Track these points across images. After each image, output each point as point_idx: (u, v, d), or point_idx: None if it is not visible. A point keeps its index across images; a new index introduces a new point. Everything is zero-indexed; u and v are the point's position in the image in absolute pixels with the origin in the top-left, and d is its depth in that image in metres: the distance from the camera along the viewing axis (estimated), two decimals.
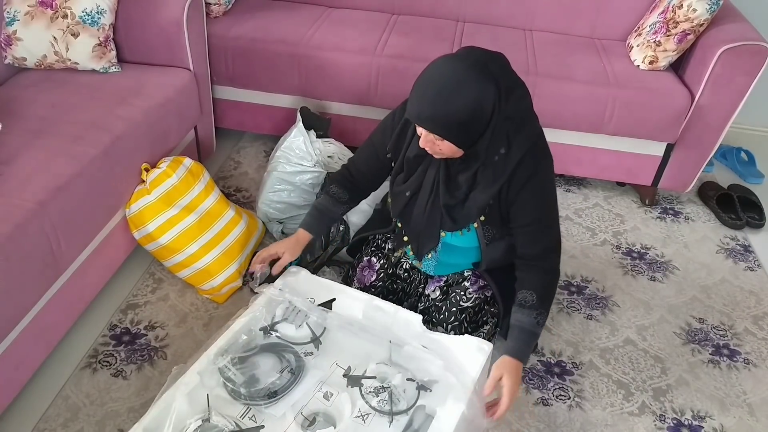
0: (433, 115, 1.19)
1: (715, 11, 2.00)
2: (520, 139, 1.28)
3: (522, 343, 1.33)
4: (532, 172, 1.31)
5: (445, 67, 1.19)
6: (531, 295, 1.35)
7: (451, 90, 1.16)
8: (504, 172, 1.30)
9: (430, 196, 1.39)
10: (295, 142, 1.96)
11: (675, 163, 2.21)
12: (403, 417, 1.17)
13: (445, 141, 1.22)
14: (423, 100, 1.19)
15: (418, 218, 1.44)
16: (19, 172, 1.43)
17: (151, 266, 1.87)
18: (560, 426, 1.52)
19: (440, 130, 1.21)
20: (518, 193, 1.32)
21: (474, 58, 1.20)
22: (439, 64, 1.20)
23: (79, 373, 1.55)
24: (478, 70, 1.17)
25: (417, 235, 1.48)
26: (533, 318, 1.33)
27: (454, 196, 1.36)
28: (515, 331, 1.34)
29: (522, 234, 1.38)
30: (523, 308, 1.35)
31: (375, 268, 1.57)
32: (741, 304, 1.94)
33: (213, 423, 1.12)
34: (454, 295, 1.48)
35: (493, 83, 1.18)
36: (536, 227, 1.37)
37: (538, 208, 1.36)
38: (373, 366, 1.25)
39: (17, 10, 1.78)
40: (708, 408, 1.60)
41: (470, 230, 1.42)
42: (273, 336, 1.30)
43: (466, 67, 1.17)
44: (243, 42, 2.17)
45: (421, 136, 1.26)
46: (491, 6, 2.44)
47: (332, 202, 1.57)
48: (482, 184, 1.32)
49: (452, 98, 1.16)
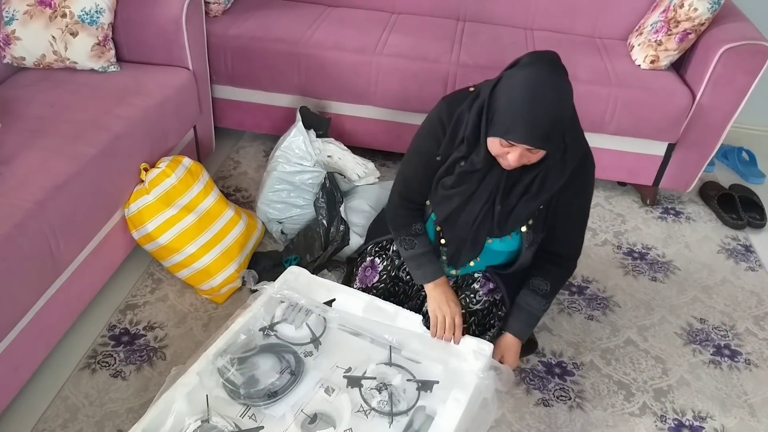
0: (544, 133, 1.15)
1: (717, 10, 1.99)
2: (574, 143, 1.27)
3: (527, 326, 1.44)
4: (584, 179, 1.33)
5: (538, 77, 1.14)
6: (546, 285, 1.42)
7: (552, 102, 1.14)
8: (561, 176, 1.27)
9: (486, 204, 1.33)
10: (295, 141, 1.95)
11: (676, 163, 2.21)
12: (403, 418, 1.16)
13: (540, 151, 1.19)
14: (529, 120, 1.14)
15: (465, 225, 1.37)
16: (17, 172, 1.43)
17: (150, 266, 1.86)
18: (561, 426, 1.51)
19: (543, 142, 1.16)
20: (568, 197, 1.33)
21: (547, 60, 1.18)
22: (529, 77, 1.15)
23: (78, 373, 1.54)
24: (556, 70, 1.17)
25: (459, 241, 1.41)
26: (542, 305, 1.43)
27: (508, 204, 1.32)
28: (524, 315, 1.42)
29: (557, 232, 1.39)
30: (537, 295, 1.42)
31: (378, 269, 1.57)
32: (742, 304, 1.93)
33: (212, 423, 1.11)
34: (463, 298, 1.47)
35: (567, 78, 1.18)
36: (571, 228, 1.41)
37: (580, 212, 1.39)
38: (373, 366, 1.24)
39: (16, 10, 1.78)
40: (709, 408, 1.59)
41: (513, 238, 1.40)
42: (272, 336, 1.30)
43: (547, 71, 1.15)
44: (242, 41, 2.17)
45: (515, 155, 1.19)
46: (492, 5, 2.44)
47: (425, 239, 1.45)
48: (536, 189, 1.29)
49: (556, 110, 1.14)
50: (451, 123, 1.32)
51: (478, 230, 1.37)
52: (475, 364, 1.26)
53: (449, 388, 1.20)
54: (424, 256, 1.42)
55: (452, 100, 1.34)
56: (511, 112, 1.16)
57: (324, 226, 1.85)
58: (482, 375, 1.23)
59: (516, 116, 1.15)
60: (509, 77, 1.19)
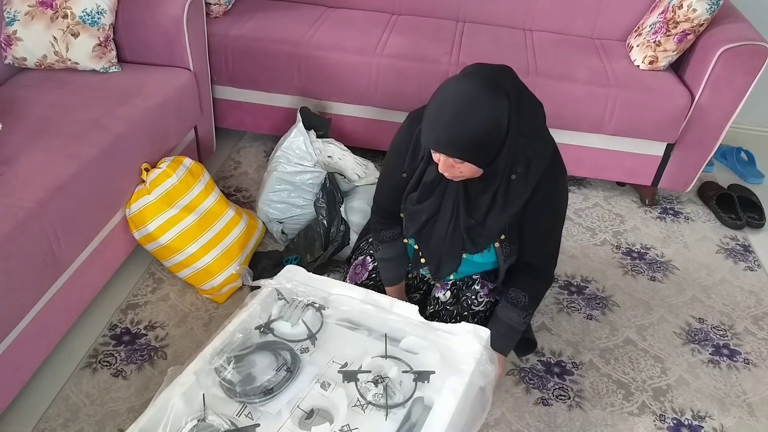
0: (451, 139, 1.15)
1: (715, 11, 2.00)
2: (537, 157, 1.26)
3: (507, 340, 1.43)
4: (551, 191, 1.31)
5: (457, 88, 1.15)
6: (524, 297, 1.41)
7: (467, 111, 1.13)
8: (525, 190, 1.27)
9: (451, 220, 1.35)
10: (295, 142, 1.96)
11: (675, 163, 2.21)
12: (400, 410, 1.17)
13: (466, 163, 1.19)
14: (440, 125, 1.15)
15: (438, 242, 1.40)
16: (19, 172, 1.43)
17: (151, 266, 1.87)
18: (560, 426, 1.52)
19: (461, 153, 1.16)
20: (535, 209, 1.32)
21: (484, 75, 1.16)
22: (449, 87, 1.17)
23: (80, 373, 1.55)
24: (490, 87, 1.14)
25: (437, 257, 1.44)
26: (522, 318, 1.41)
27: (474, 218, 1.33)
28: (502, 328, 1.41)
29: (527, 242, 1.39)
30: (515, 308, 1.41)
31: (368, 267, 1.57)
32: (741, 304, 1.94)
33: (208, 422, 1.12)
34: (465, 299, 1.48)
35: (505, 97, 1.16)
36: (543, 239, 1.39)
37: (549, 222, 1.37)
38: (369, 360, 1.24)
39: (17, 10, 1.78)
40: (708, 408, 1.60)
41: (490, 249, 1.41)
42: (269, 334, 1.30)
43: (479, 85, 1.14)
44: (243, 42, 2.17)
45: (440, 162, 1.21)
46: (491, 6, 2.44)
47: (392, 246, 1.52)
48: (503, 204, 1.29)
49: (469, 119, 1.13)
50: (413, 138, 1.34)
51: (451, 245, 1.39)
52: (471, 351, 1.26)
53: (446, 377, 1.21)
54: (385, 261, 1.54)
55: (415, 115, 1.35)
56: (429, 118, 1.17)
57: (324, 226, 1.85)
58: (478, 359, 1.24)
59: (430, 122, 1.17)
60: (443, 85, 1.20)
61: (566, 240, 2.13)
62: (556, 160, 1.32)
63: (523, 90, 1.23)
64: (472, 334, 1.29)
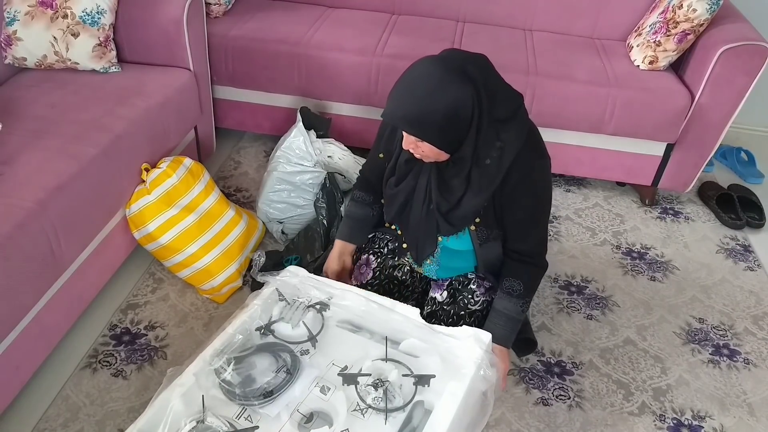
0: (405, 115, 1.19)
1: (715, 11, 2.00)
2: (510, 142, 1.27)
3: (508, 331, 1.41)
4: (524, 174, 1.31)
5: (423, 68, 1.19)
6: (519, 285, 1.40)
7: (426, 92, 1.16)
8: (497, 174, 1.29)
9: (425, 202, 1.39)
10: (295, 142, 1.96)
11: (675, 163, 2.21)
12: (400, 413, 1.16)
13: (425, 143, 1.23)
14: (397, 100, 1.20)
15: (415, 224, 1.44)
16: (19, 172, 1.43)
17: (151, 266, 1.87)
18: (560, 426, 1.52)
19: (415, 131, 1.21)
20: (510, 193, 1.33)
21: (452, 61, 1.19)
22: (417, 66, 1.20)
23: (80, 373, 1.55)
24: (454, 72, 1.17)
25: (415, 240, 1.48)
26: (519, 306, 1.40)
27: (448, 200, 1.36)
28: (501, 319, 1.40)
29: (512, 229, 1.40)
30: (511, 297, 1.40)
31: (372, 266, 1.57)
32: (741, 304, 1.94)
33: (207, 424, 1.11)
34: (461, 299, 1.48)
35: (470, 85, 1.18)
36: (526, 223, 1.39)
37: (529, 207, 1.37)
38: (369, 363, 1.24)
39: (17, 10, 1.78)
40: (708, 408, 1.60)
41: (465, 233, 1.42)
42: (269, 336, 1.30)
43: (443, 69, 1.17)
44: (243, 42, 2.17)
45: (404, 138, 1.26)
46: (491, 6, 2.44)
47: (361, 206, 1.56)
48: (476, 187, 1.32)
49: (427, 100, 1.16)
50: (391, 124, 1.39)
51: (426, 227, 1.41)
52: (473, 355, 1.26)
53: (447, 381, 1.20)
54: (347, 217, 1.58)
55: None
56: (392, 91, 1.22)
57: (324, 226, 1.85)
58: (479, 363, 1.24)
59: (391, 96, 1.21)
60: (414, 63, 1.23)
61: (566, 240, 2.13)
62: (532, 144, 1.33)
63: (495, 79, 1.25)
64: (474, 338, 1.29)
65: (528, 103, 2.10)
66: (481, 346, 1.27)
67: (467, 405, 1.19)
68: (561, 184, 2.44)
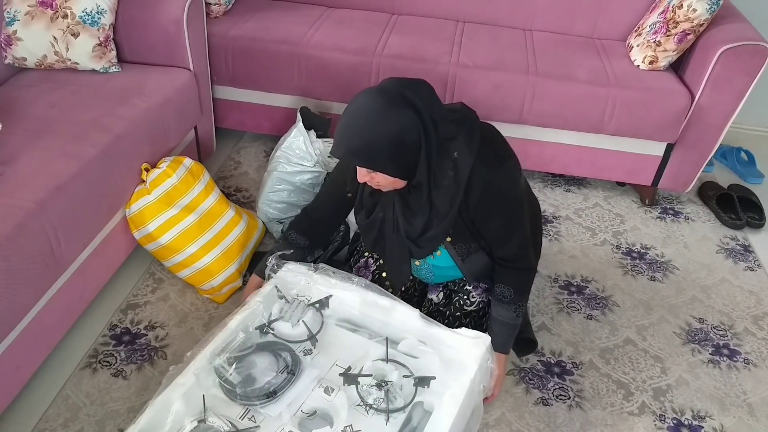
0: (350, 148, 1.21)
1: (715, 11, 2.00)
2: (463, 158, 1.27)
3: (505, 337, 1.42)
4: (485, 185, 1.30)
5: (362, 100, 1.21)
6: (509, 291, 1.41)
7: (368, 122, 1.18)
8: (458, 192, 1.29)
9: (394, 230, 1.41)
10: (295, 142, 1.96)
11: (675, 163, 2.21)
12: (400, 414, 1.17)
13: (378, 173, 1.24)
14: (341, 134, 1.22)
15: (390, 252, 1.46)
16: (19, 172, 1.43)
17: (151, 266, 1.87)
18: (560, 426, 1.52)
19: (363, 162, 1.23)
20: (477, 206, 1.32)
21: (390, 89, 1.20)
22: (357, 99, 1.22)
23: (80, 373, 1.55)
24: (393, 100, 1.18)
25: (391, 267, 1.50)
26: (512, 312, 1.41)
27: (414, 225, 1.36)
28: (497, 326, 1.41)
29: (490, 239, 1.39)
30: (503, 303, 1.41)
31: (371, 269, 1.58)
32: (741, 304, 1.94)
33: (209, 424, 1.11)
34: (457, 300, 1.49)
35: (411, 110, 1.19)
36: (502, 231, 1.37)
37: (500, 214, 1.35)
38: (370, 363, 1.24)
39: (17, 10, 1.78)
40: (708, 408, 1.60)
41: (442, 252, 1.43)
42: (269, 334, 1.30)
43: (382, 98, 1.19)
44: (243, 42, 2.17)
45: (357, 171, 1.28)
46: (491, 6, 2.44)
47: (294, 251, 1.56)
48: (439, 208, 1.32)
49: (368, 130, 1.18)
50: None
51: (399, 253, 1.44)
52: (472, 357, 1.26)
53: (446, 383, 1.21)
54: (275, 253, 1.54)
55: None
56: (336, 127, 1.24)
57: None
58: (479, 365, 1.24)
59: (336, 132, 1.23)
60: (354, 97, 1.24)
61: (566, 240, 2.13)
62: (487, 152, 1.30)
63: (436, 102, 1.25)
64: (474, 341, 1.29)
65: (528, 103, 2.10)
66: (481, 349, 1.27)
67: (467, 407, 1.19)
68: (561, 184, 2.44)
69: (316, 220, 1.58)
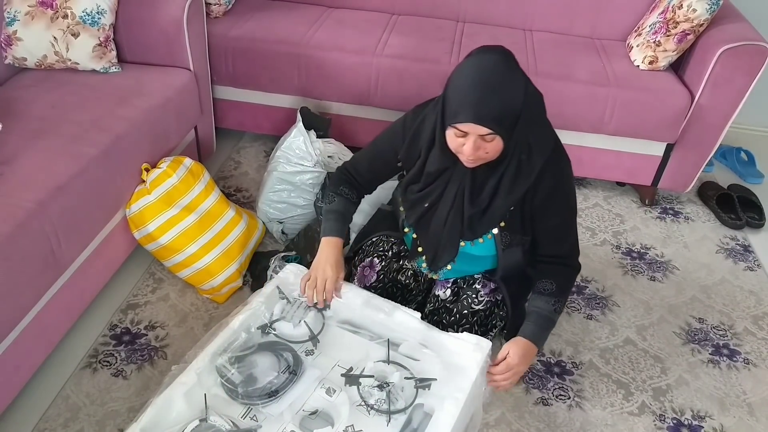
0: (492, 113, 1.15)
1: (715, 11, 2.00)
2: (539, 143, 1.26)
3: (539, 328, 1.36)
4: (557, 178, 1.31)
5: (481, 64, 1.17)
6: (551, 284, 1.38)
7: (500, 82, 1.15)
8: (529, 176, 1.27)
9: (452, 207, 1.35)
10: (295, 142, 1.96)
11: (675, 163, 2.21)
12: (401, 416, 1.17)
13: (495, 141, 1.18)
14: (476, 99, 1.15)
15: (437, 229, 1.40)
16: (19, 172, 1.43)
17: (151, 266, 1.87)
18: (560, 426, 1.52)
19: (498, 127, 1.16)
20: (544, 200, 1.32)
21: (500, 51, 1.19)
22: (471, 64, 1.18)
23: (80, 372, 1.55)
24: (510, 61, 1.18)
25: (434, 246, 1.43)
26: (551, 305, 1.37)
27: (477, 205, 1.33)
28: (533, 316, 1.37)
29: (546, 236, 1.39)
30: (543, 295, 1.38)
31: (376, 269, 1.57)
32: (741, 304, 1.94)
33: (210, 423, 1.12)
34: (465, 298, 1.47)
35: (521, 72, 1.19)
36: (561, 229, 1.39)
37: (561, 212, 1.37)
38: (371, 364, 1.25)
39: (17, 10, 1.78)
40: (708, 408, 1.60)
41: (488, 240, 1.40)
42: (271, 334, 1.30)
43: (501, 59, 1.17)
44: (243, 42, 2.17)
45: (468, 145, 1.19)
46: (491, 6, 2.44)
47: (347, 204, 1.51)
48: (505, 190, 1.29)
49: (503, 90, 1.15)
50: (414, 126, 1.37)
51: (450, 232, 1.38)
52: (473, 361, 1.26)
53: (447, 386, 1.21)
54: (334, 212, 1.47)
55: (420, 105, 1.39)
56: (459, 95, 1.18)
57: None
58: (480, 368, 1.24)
59: (463, 98, 1.17)
60: (459, 66, 1.21)
61: None
62: (558, 148, 1.33)
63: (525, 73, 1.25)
64: (475, 345, 1.29)
65: None
66: (482, 353, 1.28)
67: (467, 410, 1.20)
68: None
69: (358, 179, 1.52)
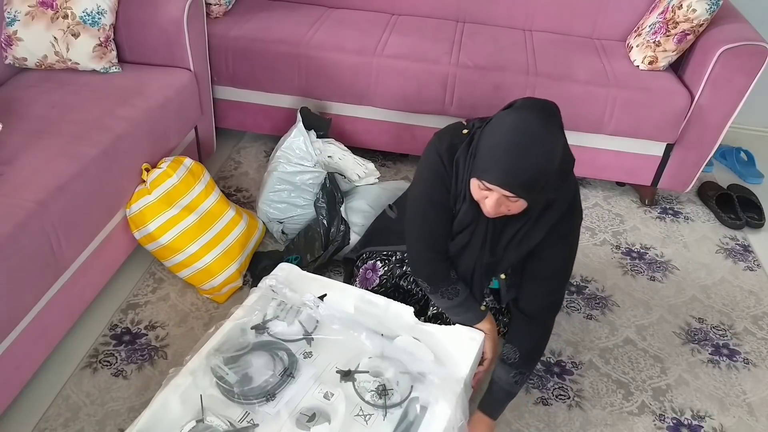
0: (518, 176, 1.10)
1: (715, 11, 2.00)
2: (560, 199, 1.24)
3: (495, 401, 1.35)
4: (566, 231, 1.29)
5: (517, 122, 1.12)
6: (515, 353, 1.33)
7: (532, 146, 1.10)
8: (542, 229, 1.27)
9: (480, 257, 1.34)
10: (296, 142, 1.96)
11: (674, 163, 2.21)
12: (397, 410, 1.17)
13: (519, 200, 1.15)
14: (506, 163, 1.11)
15: (465, 274, 1.38)
16: (19, 172, 1.43)
17: (151, 266, 1.87)
18: (560, 426, 1.52)
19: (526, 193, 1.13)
20: (547, 248, 1.30)
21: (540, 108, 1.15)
22: (506, 121, 1.13)
23: (80, 372, 1.55)
24: (549, 120, 1.14)
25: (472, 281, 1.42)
26: (511, 377, 1.33)
27: (495, 255, 1.33)
28: (493, 386, 1.35)
29: (534, 286, 1.35)
30: (504, 365, 1.35)
31: (379, 273, 1.57)
32: (740, 303, 1.94)
33: (207, 423, 1.12)
34: None
35: (560, 132, 1.16)
36: (551, 282, 1.35)
37: (559, 265, 1.34)
38: (366, 360, 1.25)
39: (18, 11, 1.79)
40: (707, 408, 1.60)
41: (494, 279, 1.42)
42: (265, 334, 1.31)
43: (538, 119, 1.12)
44: (243, 42, 2.17)
45: (490, 200, 1.17)
46: (491, 6, 2.44)
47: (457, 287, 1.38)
48: (518, 241, 1.29)
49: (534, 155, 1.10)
50: (454, 170, 1.29)
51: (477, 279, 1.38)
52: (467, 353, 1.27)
53: (442, 378, 1.21)
54: (468, 300, 1.37)
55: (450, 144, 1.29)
56: (492, 153, 1.13)
57: (324, 226, 1.85)
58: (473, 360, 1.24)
59: (496, 158, 1.12)
60: (499, 119, 1.16)
61: None
62: (577, 199, 1.31)
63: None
64: (468, 337, 1.30)
65: None
66: (475, 345, 1.28)
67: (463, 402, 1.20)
68: None
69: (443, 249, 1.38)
